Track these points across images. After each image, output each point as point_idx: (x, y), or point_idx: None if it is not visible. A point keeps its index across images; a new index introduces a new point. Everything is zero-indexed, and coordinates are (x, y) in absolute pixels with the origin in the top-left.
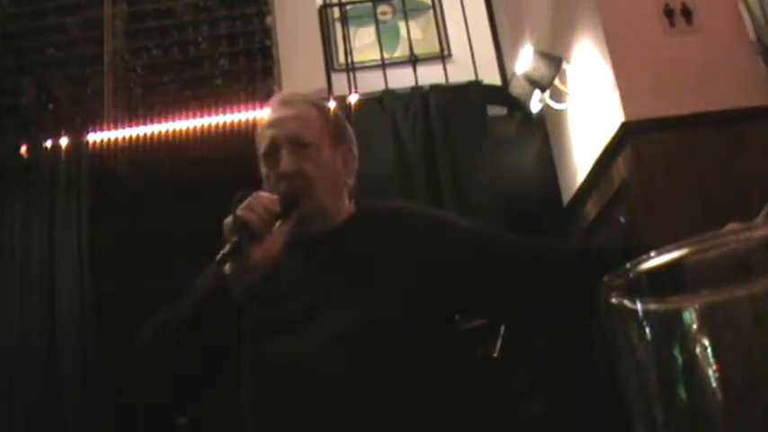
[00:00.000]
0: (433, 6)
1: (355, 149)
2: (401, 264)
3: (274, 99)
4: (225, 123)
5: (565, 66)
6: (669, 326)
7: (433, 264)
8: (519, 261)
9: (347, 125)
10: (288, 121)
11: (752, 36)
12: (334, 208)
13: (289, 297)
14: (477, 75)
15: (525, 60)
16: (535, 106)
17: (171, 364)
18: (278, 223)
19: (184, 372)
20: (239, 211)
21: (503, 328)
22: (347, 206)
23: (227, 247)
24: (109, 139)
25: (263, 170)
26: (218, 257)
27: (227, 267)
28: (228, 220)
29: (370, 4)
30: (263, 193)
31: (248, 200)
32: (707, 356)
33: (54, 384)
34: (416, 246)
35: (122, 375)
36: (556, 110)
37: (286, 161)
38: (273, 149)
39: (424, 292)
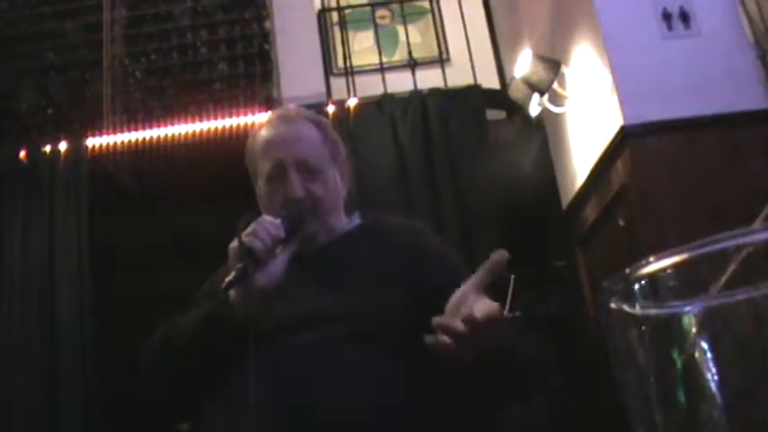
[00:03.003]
0: (432, 10)
1: (346, 161)
2: (390, 279)
3: (271, 115)
4: (224, 127)
5: (563, 69)
6: (668, 330)
7: (418, 285)
8: None
9: (339, 138)
10: (293, 144)
11: (750, 39)
12: (334, 223)
13: (283, 308)
14: (475, 78)
15: (524, 64)
16: (534, 110)
17: (175, 376)
18: (280, 247)
19: (188, 381)
20: (244, 238)
21: (512, 284)
22: (343, 218)
23: (233, 274)
24: (108, 144)
25: (264, 188)
26: (223, 285)
27: (232, 293)
28: (234, 245)
29: (368, 8)
30: (267, 218)
31: (253, 226)
32: (706, 360)
33: (54, 386)
34: (405, 263)
35: (130, 381)
36: (555, 113)
37: (295, 185)
38: (279, 170)
39: (413, 310)
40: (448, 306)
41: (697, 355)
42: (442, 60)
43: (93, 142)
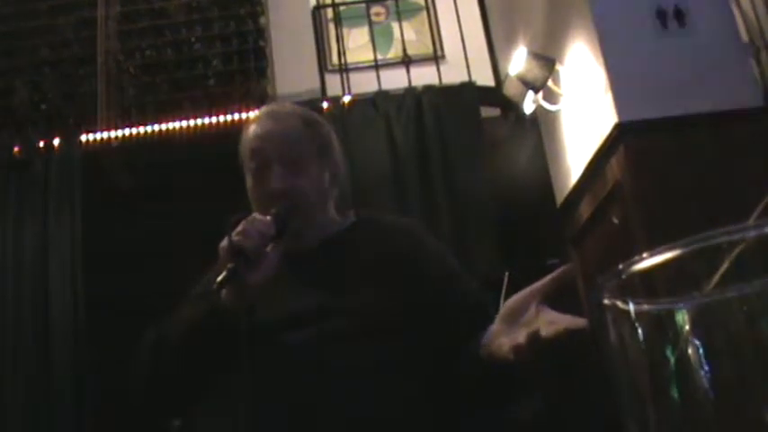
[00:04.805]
0: (427, 7)
1: (340, 159)
2: (386, 278)
3: (261, 111)
4: (218, 124)
5: (558, 67)
6: (661, 327)
7: (414, 284)
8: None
9: (333, 136)
10: (277, 137)
11: (744, 38)
12: (323, 221)
13: (276, 308)
14: (470, 76)
15: (519, 61)
16: (528, 107)
17: (169, 376)
18: (271, 245)
19: (181, 381)
20: (234, 237)
21: (505, 281)
22: (334, 216)
23: (224, 274)
24: (102, 139)
25: (250, 183)
26: (215, 285)
27: (224, 292)
28: (224, 244)
29: (363, 5)
30: (257, 217)
31: (243, 224)
32: (699, 357)
33: (47, 384)
34: (402, 263)
35: (123, 378)
36: (549, 111)
37: (276, 179)
38: (263, 165)
39: (408, 309)
40: (504, 309)
41: (690, 351)
42: (436, 57)
43: (86, 138)
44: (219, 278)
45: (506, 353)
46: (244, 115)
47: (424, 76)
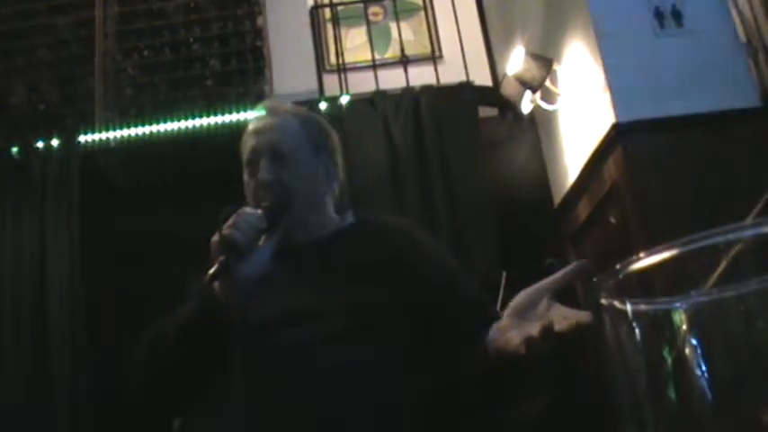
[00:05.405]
0: (425, 7)
1: (338, 158)
2: (385, 278)
3: (260, 107)
4: (216, 124)
5: (556, 67)
6: (658, 326)
7: (412, 285)
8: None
9: (331, 134)
10: (268, 131)
11: (742, 37)
12: (316, 218)
13: (275, 305)
14: (468, 76)
15: (516, 61)
16: (526, 107)
17: (166, 375)
18: (263, 238)
19: (178, 380)
20: (225, 230)
21: (503, 282)
22: (332, 216)
23: (215, 267)
24: (100, 140)
25: (245, 177)
26: (206, 278)
27: (216, 285)
28: (215, 238)
29: (361, 5)
30: (248, 210)
31: (234, 218)
32: (696, 357)
33: (46, 384)
34: (401, 263)
35: (121, 378)
36: (547, 111)
37: (264, 171)
38: (254, 158)
39: (404, 309)
40: (513, 304)
41: (687, 351)
42: (434, 57)
43: (84, 139)
44: (211, 271)
45: (516, 347)
46: (242, 116)
47: (421, 75)
